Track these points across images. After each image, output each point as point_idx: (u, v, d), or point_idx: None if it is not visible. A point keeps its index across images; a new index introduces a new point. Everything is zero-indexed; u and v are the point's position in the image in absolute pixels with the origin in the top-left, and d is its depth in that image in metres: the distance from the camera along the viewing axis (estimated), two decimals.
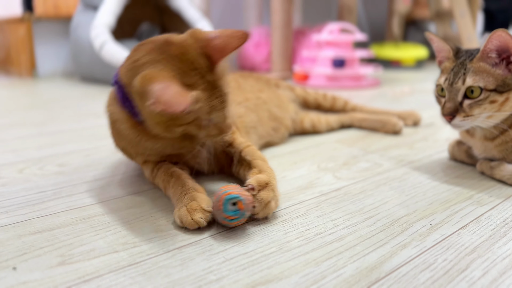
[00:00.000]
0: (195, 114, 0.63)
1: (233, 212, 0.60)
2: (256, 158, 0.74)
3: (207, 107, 0.64)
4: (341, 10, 2.65)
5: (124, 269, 0.53)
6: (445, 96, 0.81)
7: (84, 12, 2.13)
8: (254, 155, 0.75)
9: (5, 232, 0.62)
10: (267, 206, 0.64)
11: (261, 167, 0.71)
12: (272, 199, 0.64)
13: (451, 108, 0.79)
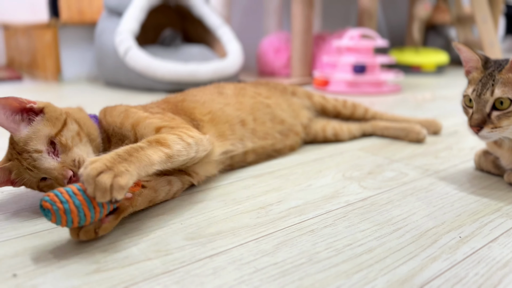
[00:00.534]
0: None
1: (48, 216, 0.57)
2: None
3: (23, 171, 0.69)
4: (361, 16, 2.65)
5: (158, 277, 0.54)
6: (473, 107, 0.81)
7: (109, 18, 2.17)
8: (153, 138, 0.69)
9: (41, 238, 0.64)
10: (97, 181, 0.56)
11: (133, 149, 0.64)
12: (104, 172, 0.57)
13: (478, 120, 0.79)
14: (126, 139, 0.77)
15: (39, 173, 0.69)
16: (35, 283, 0.52)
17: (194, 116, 0.89)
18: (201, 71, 2.05)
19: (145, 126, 0.76)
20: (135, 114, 0.78)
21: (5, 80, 2.44)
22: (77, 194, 0.58)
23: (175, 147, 0.69)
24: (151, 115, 0.80)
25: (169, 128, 0.75)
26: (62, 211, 0.56)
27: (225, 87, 1.04)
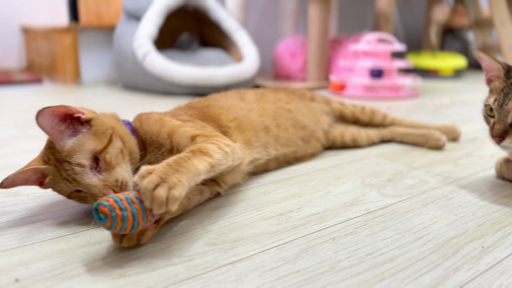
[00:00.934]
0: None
1: (102, 220, 0.57)
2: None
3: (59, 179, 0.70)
4: (377, 19, 2.64)
5: (182, 282, 0.55)
6: (494, 117, 0.80)
7: (127, 22, 2.20)
8: (195, 147, 0.70)
9: (67, 242, 0.65)
10: (154, 195, 0.57)
11: (180, 159, 0.65)
12: (159, 185, 0.58)
13: (500, 130, 0.78)
14: (163, 147, 0.78)
15: (77, 187, 0.69)
16: (63, 287, 0.54)
17: (221, 122, 0.90)
18: (218, 75, 2.07)
19: (181, 135, 0.77)
20: (169, 123, 0.79)
21: (25, 83, 2.49)
22: (134, 202, 0.59)
23: (216, 156, 0.70)
24: (184, 123, 0.81)
25: (203, 137, 0.76)
26: (119, 218, 0.57)
27: (246, 93, 1.05)
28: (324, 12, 2.42)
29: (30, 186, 0.87)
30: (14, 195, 0.84)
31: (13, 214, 0.75)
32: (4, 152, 1.13)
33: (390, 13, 2.61)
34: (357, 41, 2.45)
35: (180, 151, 0.75)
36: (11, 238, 0.66)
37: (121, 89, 2.32)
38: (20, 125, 1.45)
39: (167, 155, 0.77)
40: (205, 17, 2.40)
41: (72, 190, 0.70)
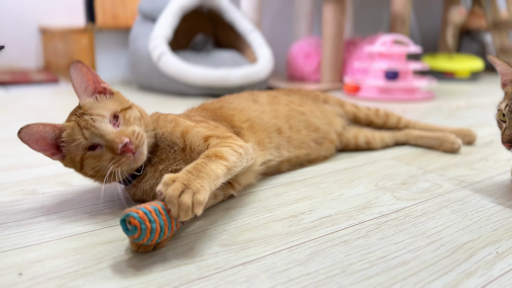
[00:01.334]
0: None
1: (130, 232, 0.57)
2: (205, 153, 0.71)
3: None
4: (393, 21, 2.62)
5: (194, 282, 0.55)
6: (506, 122, 0.79)
7: (143, 23, 2.22)
8: (211, 152, 0.71)
9: (81, 240, 0.66)
10: (180, 201, 0.59)
11: (199, 165, 0.66)
12: (184, 191, 0.60)
13: (510, 136, 0.77)
14: (175, 146, 0.78)
15: (94, 136, 0.69)
16: (77, 284, 0.55)
17: (233, 123, 0.91)
18: (232, 76, 2.07)
19: (194, 135, 0.78)
20: (183, 123, 0.81)
21: (42, 83, 2.53)
22: (162, 214, 0.59)
23: (231, 158, 0.71)
24: (197, 124, 0.82)
25: (216, 138, 0.77)
26: (148, 230, 0.57)
27: (259, 95, 1.05)
28: (339, 13, 2.41)
29: (46, 185, 0.88)
30: (31, 193, 0.86)
31: (29, 212, 0.77)
32: (21, 151, 1.15)
33: (406, 15, 2.59)
34: (372, 43, 2.44)
35: (193, 151, 0.76)
36: (27, 235, 0.68)
37: (136, 89, 2.35)
38: None
39: (179, 154, 0.78)
40: (220, 18, 2.41)
41: (85, 146, 0.70)
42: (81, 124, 0.70)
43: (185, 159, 0.78)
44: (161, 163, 0.78)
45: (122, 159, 0.69)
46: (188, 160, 0.77)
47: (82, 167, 0.73)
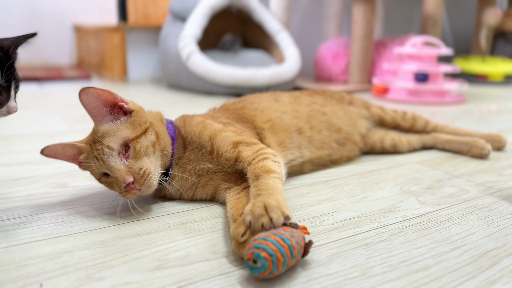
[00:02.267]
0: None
1: (259, 270, 0.54)
2: (259, 176, 0.71)
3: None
4: (425, 22, 2.57)
5: (215, 278, 0.57)
6: None
7: (173, 23, 2.26)
8: (258, 169, 0.72)
9: (108, 233, 0.69)
10: (267, 209, 0.60)
11: (263, 185, 0.67)
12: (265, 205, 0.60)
13: None
14: (203, 148, 0.80)
15: (103, 167, 0.72)
16: (103, 276, 0.57)
17: (255, 123, 0.92)
18: (259, 76, 2.08)
19: (222, 139, 0.79)
20: (211, 126, 0.82)
21: (75, 79, 2.61)
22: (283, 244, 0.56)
23: (277, 169, 0.72)
24: (225, 127, 0.83)
25: (245, 145, 0.78)
26: (280, 263, 0.55)
27: (281, 95, 1.06)
28: (369, 14, 2.39)
29: (76, 178, 0.92)
30: (62, 186, 0.89)
31: (60, 205, 0.80)
32: None
33: (438, 16, 2.54)
34: (402, 44, 2.41)
35: (220, 156, 0.78)
36: (58, 226, 0.71)
37: (165, 88, 2.39)
38: (69, 120, 1.53)
39: (207, 156, 0.80)
40: (249, 18, 2.42)
41: (101, 172, 0.74)
42: (94, 153, 0.73)
43: (212, 161, 0.80)
44: (189, 163, 0.80)
45: (127, 194, 0.72)
46: (215, 162, 0.79)
47: (100, 182, 0.76)
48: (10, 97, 0.66)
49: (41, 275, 0.57)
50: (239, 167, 0.78)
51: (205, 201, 0.82)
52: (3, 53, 0.65)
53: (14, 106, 0.67)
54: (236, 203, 0.70)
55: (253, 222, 0.59)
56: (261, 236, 0.56)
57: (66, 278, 0.56)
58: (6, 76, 0.64)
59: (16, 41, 0.67)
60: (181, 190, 0.81)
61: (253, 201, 0.63)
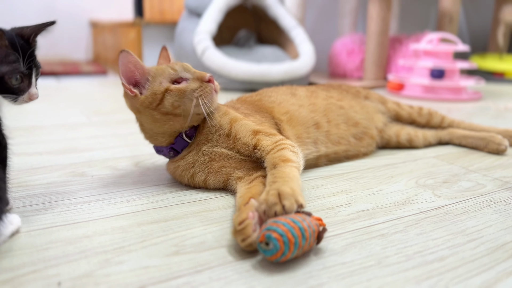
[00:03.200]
0: None
1: (271, 252, 0.56)
2: (277, 165, 0.71)
3: None
4: (441, 19, 2.55)
5: (231, 263, 0.58)
6: None
7: (189, 18, 2.27)
8: (276, 158, 0.73)
9: (127, 220, 0.70)
10: (281, 196, 0.61)
11: (279, 173, 0.68)
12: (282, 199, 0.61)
13: None
14: (221, 130, 0.82)
15: (183, 70, 0.80)
16: (122, 260, 0.58)
17: (273, 114, 0.92)
18: (273, 72, 2.09)
19: (242, 124, 0.81)
20: (233, 113, 0.84)
21: (91, 74, 2.64)
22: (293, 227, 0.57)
23: (295, 159, 0.73)
24: (245, 116, 0.85)
25: (265, 135, 0.80)
26: (292, 244, 0.56)
27: (297, 89, 1.06)
28: (385, 10, 2.37)
29: (94, 168, 0.93)
30: (80, 175, 0.91)
31: (79, 193, 0.81)
32: (72, 136, 1.22)
33: (455, 12, 2.51)
34: (418, 41, 2.39)
35: (238, 139, 0.80)
36: (77, 213, 0.72)
37: None
38: (87, 113, 1.55)
39: (224, 138, 0.81)
40: (264, 14, 2.42)
41: (172, 80, 0.78)
42: (169, 65, 0.81)
43: (228, 145, 0.81)
44: (205, 143, 0.82)
45: (207, 87, 0.78)
46: (230, 146, 0.81)
47: (161, 102, 0.78)
48: (32, 84, 0.67)
49: (61, 258, 0.58)
50: (257, 155, 0.79)
51: (220, 191, 0.83)
52: (24, 41, 0.67)
53: (36, 93, 0.68)
54: (245, 192, 0.71)
55: (267, 210, 0.61)
56: (272, 220, 0.58)
57: (86, 262, 0.57)
58: (27, 64, 0.66)
59: (36, 29, 0.68)
60: (195, 166, 0.82)
61: (268, 189, 0.64)
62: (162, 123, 0.80)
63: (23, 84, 0.66)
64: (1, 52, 0.63)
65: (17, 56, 0.64)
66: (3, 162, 0.65)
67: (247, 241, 0.59)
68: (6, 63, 0.64)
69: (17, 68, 0.64)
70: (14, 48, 0.64)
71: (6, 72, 0.63)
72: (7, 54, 0.64)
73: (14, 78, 0.65)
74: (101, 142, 1.17)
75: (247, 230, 0.59)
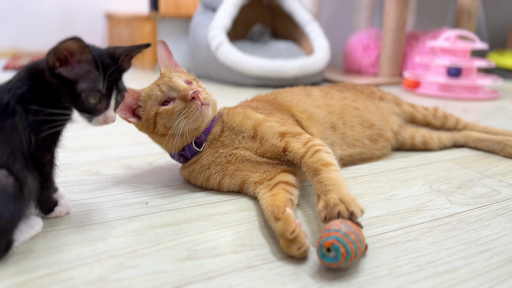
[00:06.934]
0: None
1: (330, 259, 0.57)
2: (319, 172, 0.72)
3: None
4: (459, 15, 2.50)
5: (243, 270, 0.58)
6: None
7: (203, 13, 2.27)
8: (315, 164, 0.73)
9: (140, 222, 0.71)
10: (342, 200, 0.63)
11: (327, 181, 0.69)
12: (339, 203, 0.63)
13: None
14: (244, 133, 0.82)
15: (169, 89, 0.79)
16: (135, 264, 0.59)
17: (292, 112, 0.93)
18: (287, 67, 2.08)
19: (267, 127, 0.81)
20: (254, 116, 0.84)
21: None
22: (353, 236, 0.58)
23: (333, 161, 0.74)
24: (267, 117, 0.85)
25: (291, 135, 0.80)
26: (353, 254, 0.57)
27: (311, 89, 1.06)
28: (402, 6, 2.34)
29: (109, 166, 0.94)
30: (95, 174, 0.92)
31: (94, 192, 0.82)
32: (88, 133, 1.23)
33: (474, 9, 2.46)
34: (435, 37, 2.35)
35: (265, 141, 0.81)
36: (91, 214, 0.73)
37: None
38: None
39: (249, 141, 0.82)
40: (279, 8, 2.41)
41: (160, 102, 0.80)
42: (159, 83, 0.81)
43: (251, 147, 0.82)
44: (222, 147, 0.82)
45: (192, 106, 0.77)
46: (254, 148, 0.81)
47: (155, 125, 0.80)
48: (110, 106, 0.64)
49: (76, 261, 0.59)
50: (289, 158, 0.79)
51: (231, 193, 0.83)
52: (111, 60, 0.64)
53: (112, 116, 0.65)
54: (273, 200, 0.71)
55: (328, 212, 0.62)
56: (343, 230, 0.57)
57: (100, 265, 0.58)
58: (108, 83, 0.63)
59: (128, 49, 0.66)
60: (210, 168, 0.82)
61: (324, 198, 0.65)
62: (165, 142, 0.82)
63: (101, 104, 0.63)
64: (83, 66, 0.61)
65: (98, 75, 0.61)
66: (43, 176, 0.65)
67: (303, 248, 0.60)
68: (87, 79, 0.61)
69: (96, 87, 0.61)
70: (97, 66, 0.61)
71: (84, 89, 0.61)
72: (89, 70, 0.61)
73: (92, 96, 0.61)
74: (116, 140, 1.18)
75: (301, 238, 0.61)
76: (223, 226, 0.70)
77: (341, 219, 0.61)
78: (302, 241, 0.60)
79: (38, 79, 0.62)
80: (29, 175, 0.61)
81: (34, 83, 0.62)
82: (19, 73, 0.63)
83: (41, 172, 0.64)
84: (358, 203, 0.63)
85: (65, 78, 0.60)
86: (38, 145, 0.62)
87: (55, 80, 0.61)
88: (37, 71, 0.62)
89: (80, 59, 0.60)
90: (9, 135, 0.59)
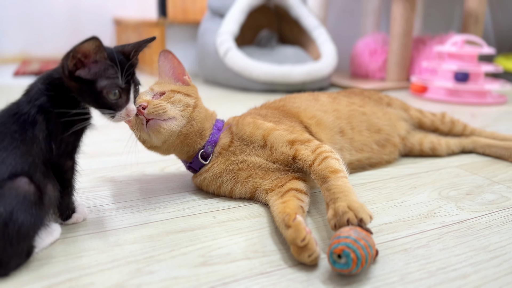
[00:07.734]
0: None
1: (341, 266, 0.58)
2: (328, 179, 0.73)
3: None
4: (466, 19, 2.51)
5: (257, 277, 0.59)
6: None
7: (211, 19, 2.29)
8: (324, 171, 0.74)
9: (155, 228, 0.72)
10: (350, 207, 0.64)
11: (335, 188, 0.70)
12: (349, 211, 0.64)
13: None
14: (254, 143, 0.84)
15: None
16: (152, 269, 0.60)
17: (301, 119, 0.94)
18: (295, 73, 2.09)
19: (276, 137, 0.83)
20: (263, 125, 0.85)
21: None
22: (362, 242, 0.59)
23: (341, 167, 0.75)
24: (276, 125, 0.86)
25: (300, 143, 0.81)
26: (363, 260, 0.58)
27: (319, 94, 1.07)
28: (409, 10, 2.35)
29: (123, 173, 0.96)
30: (110, 180, 0.94)
31: (109, 198, 0.84)
32: (99, 139, 1.25)
33: (481, 13, 2.47)
34: (442, 42, 2.36)
35: (276, 150, 0.82)
36: (108, 220, 0.75)
37: (202, 83, 2.43)
38: None
39: (259, 150, 0.83)
40: (286, 14, 2.43)
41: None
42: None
43: (262, 154, 0.83)
44: (233, 155, 0.84)
45: (137, 121, 0.79)
46: (265, 155, 0.83)
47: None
48: (130, 100, 0.67)
49: (95, 267, 0.61)
50: (298, 166, 0.81)
51: (243, 200, 0.85)
52: (123, 56, 0.67)
53: (133, 109, 0.68)
54: (284, 207, 0.72)
55: (337, 220, 0.63)
56: (352, 237, 0.58)
57: (118, 271, 0.60)
58: (126, 78, 0.65)
59: (137, 45, 0.69)
60: (222, 176, 0.83)
61: (333, 206, 0.66)
62: (162, 153, 0.87)
63: (121, 99, 0.66)
64: (101, 65, 0.63)
65: (116, 70, 0.64)
66: (65, 183, 0.67)
67: (314, 256, 0.62)
68: (105, 77, 0.63)
69: (116, 83, 0.64)
70: (113, 62, 0.64)
71: (104, 86, 0.63)
72: (107, 68, 0.63)
73: (113, 92, 0.64)
74: (127, 146, 1.19)
75: (311, 245, 0.62)
76: (236, 232, 0.71)
77: (350, 226, 0.62)
78: (313, 249, 0.62)
79: (55, 88, 0.65)
80: (50, 185, 0.62)
81: (52, 92, 0.64)
82: (35, 84, 0.66)
83: (63, 178, 0.66)
84: (366, 209, 0.64)
85: (84, 79, 0.63)
86: (60, 152, 0.64)
87: (75, 83, 0.63)
88: (53, 80, 0.65)
89: (95, 58, 0.63)
90: (30, 145, 0.61)
